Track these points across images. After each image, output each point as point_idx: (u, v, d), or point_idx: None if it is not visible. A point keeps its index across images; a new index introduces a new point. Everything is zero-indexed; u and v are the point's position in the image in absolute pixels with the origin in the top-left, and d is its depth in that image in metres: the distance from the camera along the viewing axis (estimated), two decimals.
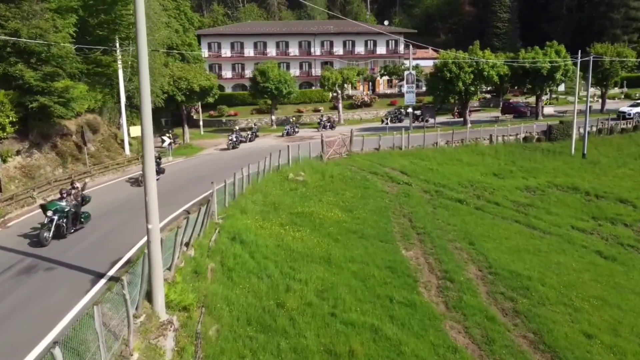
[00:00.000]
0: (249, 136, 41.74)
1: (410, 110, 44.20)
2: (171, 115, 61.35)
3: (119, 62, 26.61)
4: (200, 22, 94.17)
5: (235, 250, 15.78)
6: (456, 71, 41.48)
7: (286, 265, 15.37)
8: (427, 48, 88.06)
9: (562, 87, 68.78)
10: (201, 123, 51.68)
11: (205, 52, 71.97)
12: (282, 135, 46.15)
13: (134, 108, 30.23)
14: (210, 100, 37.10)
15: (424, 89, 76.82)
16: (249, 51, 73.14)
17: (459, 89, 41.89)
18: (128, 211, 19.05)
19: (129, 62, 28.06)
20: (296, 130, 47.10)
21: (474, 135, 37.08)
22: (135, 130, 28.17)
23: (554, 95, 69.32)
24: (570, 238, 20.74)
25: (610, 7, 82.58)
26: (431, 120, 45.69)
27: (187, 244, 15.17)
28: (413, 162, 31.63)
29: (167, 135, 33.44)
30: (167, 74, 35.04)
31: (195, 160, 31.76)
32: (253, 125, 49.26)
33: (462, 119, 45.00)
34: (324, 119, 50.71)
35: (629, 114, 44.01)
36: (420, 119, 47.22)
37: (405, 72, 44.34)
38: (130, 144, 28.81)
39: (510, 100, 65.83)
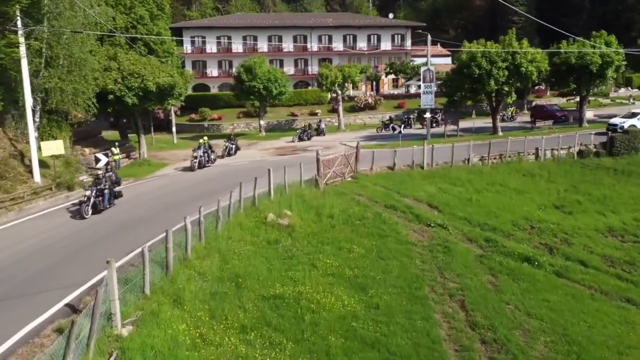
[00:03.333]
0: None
1: (427, 115, 35.75)
2: (150, 118, 53.11)
3: (22, 48, 18.04)
4: (189, 17, 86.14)
5: None
6: (487, 67, 33.03)
7: None
8: (435, 44, 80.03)
9: None
10: (174, 129, 43.13)
11: (187, 48, 63.70)
12: (293, 141, 40.12)
13: (53, 114, 21.75)
14: (173, 102, 28.52)
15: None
16: (237, 46, 64.71)
17: (491, 89, 33.46)
18: None
19: (42, 49, 19.50)
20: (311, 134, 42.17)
21: (515, 149, 28.62)
22: (52, 147, 19.66)
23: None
24: None
25: None
26: (452, 127, 37.22)
27: None
28: (442, 188, 23.18)
29: (110, 150, 24.86)
30: (114, 68, 26.52)
31: (141, 186, 23.14)
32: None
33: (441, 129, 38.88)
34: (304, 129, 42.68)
35: (621, 127, 33.15)
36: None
37: (422, 69, 35.91)
38: (47, 166, 20.29)
39: (536, 103, 57.56)
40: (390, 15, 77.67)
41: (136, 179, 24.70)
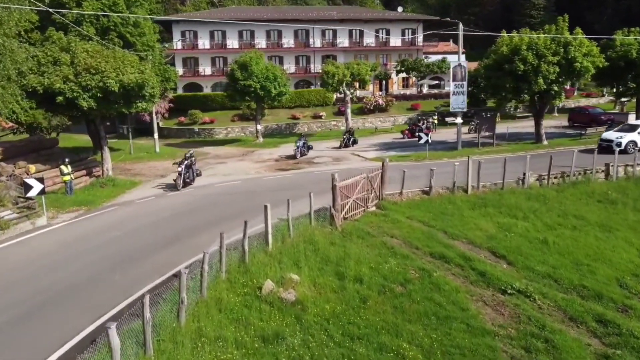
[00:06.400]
0: None
1: (458, 120, 29.63)
2: (134, 121, 47.08)
3: None
4: (182, 12, 79.96)
5: None
6: (534, 61, 26.93)
7: None
8: (447, 40, 74.06)
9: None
10: (156, 136, 36.88)
11: (177, 43, 57.62)
12: (340, 147, 34.01)
13: None
14: (143, 106, 22.31)
15: (447, 89, 62.69)
16: (232, 42, 58.72)
17: (538, 88, 27.32)
18: None
19: None
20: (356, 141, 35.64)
21: (580, 164, 22.57)
22: None
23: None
24: None
25: None
26: (486, 133, 31.13)
27: None
28: (501, 223, 17.10)
29: (59, 168, 18.67)
30: (65, 62, 20.40)
31: (86, 224, 16.85)
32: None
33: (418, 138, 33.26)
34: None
35: (618, 144, 26.35)
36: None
37: (452, 65, 29.78)
38: None
39: (563, 104, 51.54)
40: (400, 9, 71.53)
41: (88, 209, 18.50)
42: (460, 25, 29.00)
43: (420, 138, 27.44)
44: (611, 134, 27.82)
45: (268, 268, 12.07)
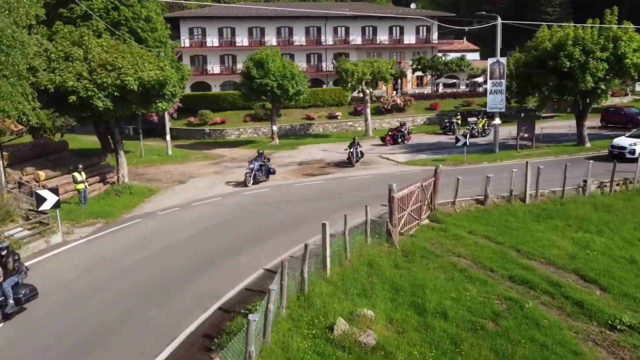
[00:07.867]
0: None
1: (497, 121, 27.58)
2: (138, 122, 45.00)
3: None
4: (188, 8, 77.81)
5: None
6: (580, 57, 24.92)
7: None
8: (461, 38, 72.15)
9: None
10: (168, 137, 34.82)
11: (185, 41, 55.63)
12: (353, 164, 26.10)
13: None
14: (163, 106, 20.28)
15: (462, 87, 60.80)
16: (242, 39, 56.70)
17: (586, 87, 25.28)
18: None
19: None
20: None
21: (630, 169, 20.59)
22: None
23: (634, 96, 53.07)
24: None
25: None
26: (525, 135, 29.07)
27: None
28: (577, 238, 15.14)
29: (72, 175, 16.65)
30: (78, 57, 18.37)
31: (105, 242, 14.67)
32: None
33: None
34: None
35: (632, 151, 23.94)
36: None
37: (489, 61, 27.71)
38: None
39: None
40: (413, 6, 69.52)
41: (106, 222, 16.43)
42: (499, 19, 26.98)
43: (457, 140, 25.41)
44: (623, 140, 25.23)
45: (334, 300, 10.05)
